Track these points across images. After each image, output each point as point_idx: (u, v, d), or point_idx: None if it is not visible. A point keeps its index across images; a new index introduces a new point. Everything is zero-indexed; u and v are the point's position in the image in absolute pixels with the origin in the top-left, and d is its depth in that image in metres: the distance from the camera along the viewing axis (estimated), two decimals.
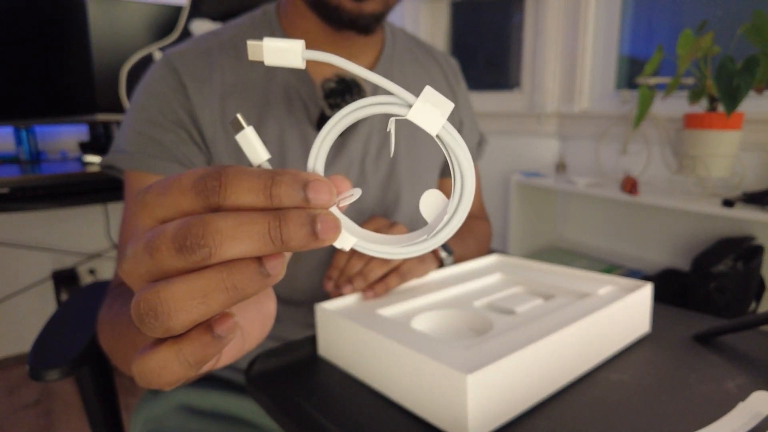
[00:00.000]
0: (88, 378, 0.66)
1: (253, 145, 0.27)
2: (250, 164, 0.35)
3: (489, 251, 0.82)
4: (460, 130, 0.81)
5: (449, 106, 0.24)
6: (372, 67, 0.70)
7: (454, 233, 0.26)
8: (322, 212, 0.22)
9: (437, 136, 0.25)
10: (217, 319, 0.22)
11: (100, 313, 0.55)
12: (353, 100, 0.61)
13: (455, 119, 0.80)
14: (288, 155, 0.63)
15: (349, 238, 0.26)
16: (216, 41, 0.64)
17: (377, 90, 0.69)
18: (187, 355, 0.22)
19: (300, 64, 0.26)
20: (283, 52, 0.25)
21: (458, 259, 0.69)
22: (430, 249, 0.26)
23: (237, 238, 0.21)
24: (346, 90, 0.61)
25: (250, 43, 0.25)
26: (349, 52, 0.67)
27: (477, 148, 0.85)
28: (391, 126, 0.26)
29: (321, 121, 0.64)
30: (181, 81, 0.60)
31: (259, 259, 0.21)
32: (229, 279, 0.21)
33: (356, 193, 0.25)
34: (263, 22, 0.67)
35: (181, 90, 0.60)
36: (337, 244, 0.26)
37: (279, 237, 0.21)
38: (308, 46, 0.65)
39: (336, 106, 0.61)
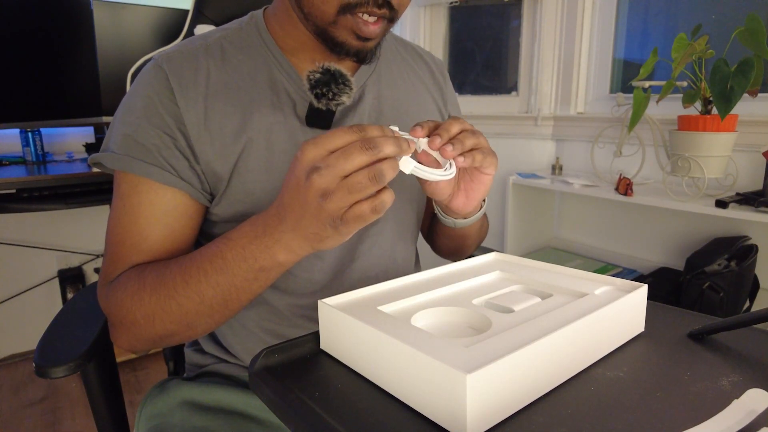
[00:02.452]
0: (93, 375, 0.67)
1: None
2: (231, 159, 0.65)
3: (484, 238, 0.86)
4: None
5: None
6: (358, 66, 0.72)
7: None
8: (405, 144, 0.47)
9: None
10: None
11: (121, 297, 0.58)
12: (339, 89, 0.62)
13: (444, 115, 0.82)
14: (275, 149, 0.64)
15: (411, 163, 0.48)
16: (202, 44, 0.66)
17: (365, 84, 0.71)
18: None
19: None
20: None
21: (483, 220, 0.78)
22: (455, 173, 0.53)
23: (388, 145, 0.45)
24: (331, 80, 0.62)
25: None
26: (337, 58, 0.69)
27: None
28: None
29: (310, 115, 0.65)
30: (169, 84, 0.62)
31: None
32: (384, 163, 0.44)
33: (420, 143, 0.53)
34: (250, 26, 0.68)
35: (168, 93, 0.62)
36: (402, 167, 0.47)
37: (399, 147, 0.46)
38: (298, 51, 0.69)
39: (322, 96, 0.62)
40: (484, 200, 0.71)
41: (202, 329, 0.59)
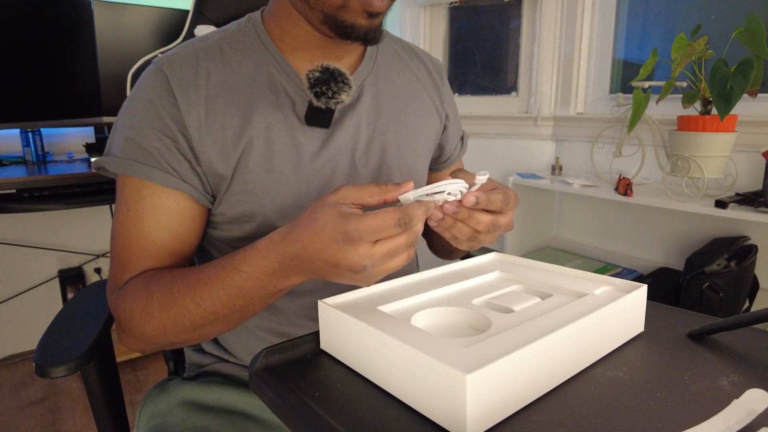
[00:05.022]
0: (94, 375, 0.67)
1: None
2: (232, 159, 0.64)
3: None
4: (446, 124, 0.83)
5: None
6: (357, 65, 0.72)
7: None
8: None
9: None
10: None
11: (130, 307, 0.58)
12: (338, 88, 0.62)
13: (441, 113, 0.82)
14: (275, 148, 0.65)
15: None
16: (202, 46, 0.66)
17: (364, 83, 0.71)
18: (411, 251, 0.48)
19: None
20: None
21: None
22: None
23: (421, 220, 0.46)
24: (330, 78, 0.62)
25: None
26: (337, 54, 0.69)
27: (460, 143, 0.88)
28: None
29: (310, 113, 0.65)
30: (169, 87, 0.62)
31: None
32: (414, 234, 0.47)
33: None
34: (248, 28, 0.69)
35: (169, 96, 0.62)
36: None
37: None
38: (296, 50, 0.70)
39: (321, 95, 0.62)
40: None
41: (217, 334, 0.61)
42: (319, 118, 0.66)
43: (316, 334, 0.50)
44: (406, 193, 0.49)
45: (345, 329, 0.46)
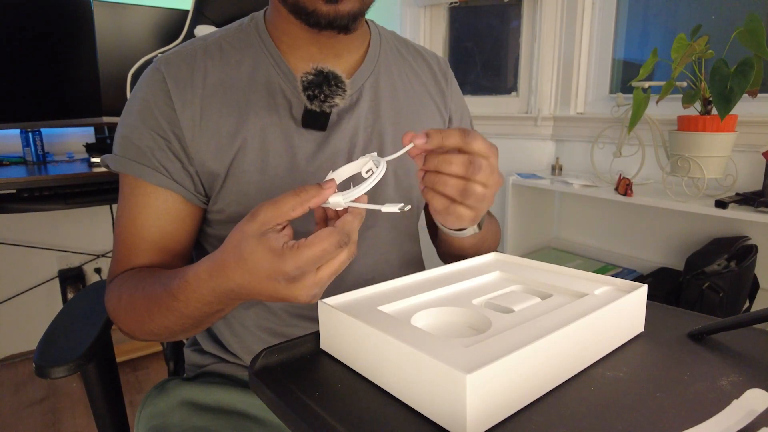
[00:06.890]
0: (94, 375, 0.68)
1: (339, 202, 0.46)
2: (226, 159, 0.65)
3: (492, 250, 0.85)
4: (449, 126, 0.82)
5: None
6: (357, 67, 0.72)
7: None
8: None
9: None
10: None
11: (111, 304, 0.62)
12: (331, 91, 0.62)
13: (445, 116, 0.81)
14: (270, 149, 0.65)
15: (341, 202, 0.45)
16: (202, 44, 0.67)
17: (363, 86, 0.71)
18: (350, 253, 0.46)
19: None
20: None
21: (484, 234, 0.72)
22: (373, 183, 0.47)
23: (357, 227, 0.46)
24: (324, 81, 0.62)
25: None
26: (334, 52, 0.68)
27: None
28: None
29: (306, 116, 0.65)
30: (165, 86, 0.63)
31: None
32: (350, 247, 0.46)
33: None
34: (250, 27, 0.69)
35: (164, 96, 0.63)
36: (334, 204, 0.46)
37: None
38: (293, 49, 0.70)
39: (314, 98, 0.62)
40: (480, 224, 0.68)
41: (184, 337, 0.63)
42: (314, 120, 0.66)
43: (316, 334, 0.50)
44: (335, 197, 0.45)
45: (345, 329, 0.46)
